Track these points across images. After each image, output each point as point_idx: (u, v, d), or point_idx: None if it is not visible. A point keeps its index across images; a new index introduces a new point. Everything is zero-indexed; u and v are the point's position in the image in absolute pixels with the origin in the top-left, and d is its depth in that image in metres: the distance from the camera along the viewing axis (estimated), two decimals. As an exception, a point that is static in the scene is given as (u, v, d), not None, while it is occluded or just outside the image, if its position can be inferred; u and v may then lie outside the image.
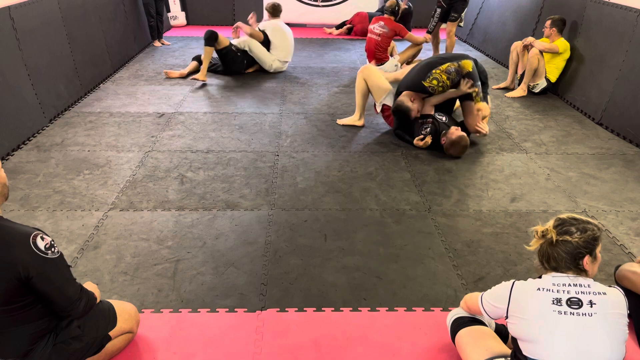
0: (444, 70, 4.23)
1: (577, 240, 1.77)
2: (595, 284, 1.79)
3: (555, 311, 1.74)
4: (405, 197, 3.59)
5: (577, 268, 1.80)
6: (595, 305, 1.73)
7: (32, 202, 3.40)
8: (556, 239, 1.79)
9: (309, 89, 5.98)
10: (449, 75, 4.22)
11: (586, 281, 1.79)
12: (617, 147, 4.47)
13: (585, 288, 1.76)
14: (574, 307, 1.73)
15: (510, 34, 7.01)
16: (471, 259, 2.94)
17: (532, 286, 1.82)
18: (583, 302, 1.73)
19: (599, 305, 1.73)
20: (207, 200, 3.48)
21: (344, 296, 2.61)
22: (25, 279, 1.76)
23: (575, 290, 1.76)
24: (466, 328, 2.12)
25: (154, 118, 4.92)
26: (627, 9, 4.91)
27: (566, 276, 1.80)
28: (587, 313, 1.72)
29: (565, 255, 1.79)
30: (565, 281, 1.79)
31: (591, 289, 1.76)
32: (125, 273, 2.74)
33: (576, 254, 1.78)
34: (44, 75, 4.76)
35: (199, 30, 8.96)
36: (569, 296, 1.75)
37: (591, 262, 1.80)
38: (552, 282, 1.80)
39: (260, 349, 2.28)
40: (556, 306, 1.74)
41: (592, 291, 1.76)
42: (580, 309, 1.72)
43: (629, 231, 3.24)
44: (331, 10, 9.33)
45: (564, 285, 1.78)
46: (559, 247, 1.79)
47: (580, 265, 1.79)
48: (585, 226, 1.79)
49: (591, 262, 1.80)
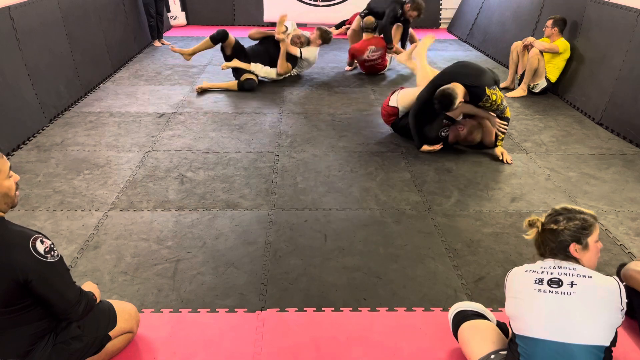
0: (503, 98, 4.07)
1: (562, 229, 1.86)
2: (581, 268, 1.85)
3: (536, 289, 1.83)
4: (405, 197, 3.59)
5: (566, 255, 1.88)
6: (575, 286, 1.79)
7: (32, 202, 3.40)
8: (541, 227, 1.90)
9: (309, 89, 5.98)
10: (499, 105, 4.05)
11: (572, 265, 1.86)
12: (617, 147, 4.47)
13: (569, 270, 1.84)
14: (553, 287, 1.81)
15: (510, 34, 7.00)
16: (471, 259, 2.94)
17: (522, 269, 1.93)
18: (564, 282, 1.81)
19: (580, 286, 1.79)
20: (207, 200, 3.48)
21: (344, 296, 2.61)
22: (24, 282, 1.76)
23: (558, 272, 1.84)
24: (469, 322, 2.14)
25: (154, 118, 4.92)
26: (627, 9, 4.91)
27: (552, 260, 1.89)
28: (566, 292, 1.79)
29: (552, 243, 1.88)
30: (551, 264, 1.88)
31: (575, 271, 1.83)
32: (125, 273, 2.74)
33: (562, 242, 1.87)
34: (44, 75, 4.76)
35: (199, 30, 8.97)
36: (550, 277, 1.84)
37: (581, 249, 1.87)
38: (540, 265, 1.90)
39: (260, 349, 2.28)
40: (537, 285, 1.84)
41: (576, 273, 1.83)
42: (559, 288, 1.80)
43: (629, 231, 3.24)
44: (331, 10, 9.33)
45: (549, 267, 1.87)
46: (546, 234, 1.90)
47: (569, 252, 1.87)
48: (574, 215, 1.88)
49: (581, 249, 1.87)
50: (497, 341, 2.03)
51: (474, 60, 7.38)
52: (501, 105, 4.07)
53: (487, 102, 4.02)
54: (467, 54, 7.76)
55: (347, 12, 9.18)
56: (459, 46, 8.29)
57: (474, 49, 8.11)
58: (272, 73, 6.01)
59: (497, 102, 4.02)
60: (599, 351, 1.75)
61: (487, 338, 2.04)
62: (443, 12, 9.73)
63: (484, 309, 2.22)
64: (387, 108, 4.63)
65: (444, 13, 9.74)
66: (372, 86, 6.10)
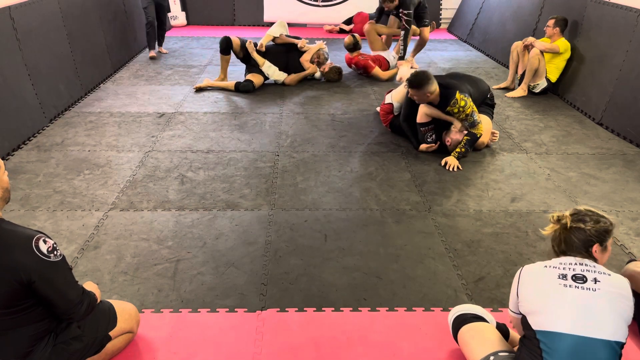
0: (474, 110, 3.99)
1: (590, 229, 1.90)
2: (600, 266, 1.89)
3: (561, 284, 1.83)
4: (406, 197, 3.59)
5: (587, 253, 1.91)
6: (599, 282, 1.82)
7: (32, 202, 3.40)
8: (570, 225, 1.91)
9: (309, 89, 5.98)
10: (468, 117, 3.98)
11: (592, 262, 1.89)
12: (617, 147, 4.47)
13: (590, 267, 1.87)
14: (578, 282, 1.83)
15: (511, 34, 7.00)
16: (471, 259, 2.93)
17: (539, 265, 1.94)
18: (587, 278, 1.83)
19: (602, 282, 1.82)
20: (207, 200, 3.48)
21: (344, 296, 2.61)
22: (27, 282, 1.75)
23: (580, 269, 1.87)
24: (469, 324, 2.15)
25: (154, 118, 4.92)
26: (627, 9, 4.91)
27: (573, 257, 1.91)
28: (591, 288, 1.81)
29: (577, 241, 1.91)
30: (572, 261, 1.90)
31: (596, 269, 1.87)
32: (126, 273, 2.74)
33: (587, 241, 1.90)
34: (44, 75, 4.76)
35: (199, 30, 8.98)
36: (574, 273, 1.86)
37: (601, 251, 1.92)
38: (559, 261, 1.91)
39: (260, 349, 2.28)
40: (562, 280, 1.84)
41: (597, 270, 1.86)
42: (584, 284, 1.82)
43: (629, 231, 3.24)
44: (331, 10, 9.33)
45: (570, 264, 1.89)
46: (572, 232, 1.92)
47: (590, 251, 1.91)
48: (599, 218, 1.92)
49: (601, 251, 1.92)
50: (496, 343, 2.04)
51: (473, 60, 7.41)
52: (470, 117, 3.98)
53: (455, 107, 3.97)
54: (467, 54, 7.76)
55: (348, 12, 9.19)
56: (459, 46, 8.29)
57: (474, 49, 8.10)
58: (281, 77, 6.01)
59: (465, 110, 3.95)
60: (618, 347, 1.78)
61: (486, 340, 2.05)
62: (443, 12, 9.73)
63: (483, 311, 2.22)
64: (384, 107, 4.70)
65: (444, 13, 9.74)
66: (372, 86, 6.10)
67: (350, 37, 6.40)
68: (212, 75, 6.26)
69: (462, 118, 4.03)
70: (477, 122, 4.01)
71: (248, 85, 5.72)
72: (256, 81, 5.80)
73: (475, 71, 6.67)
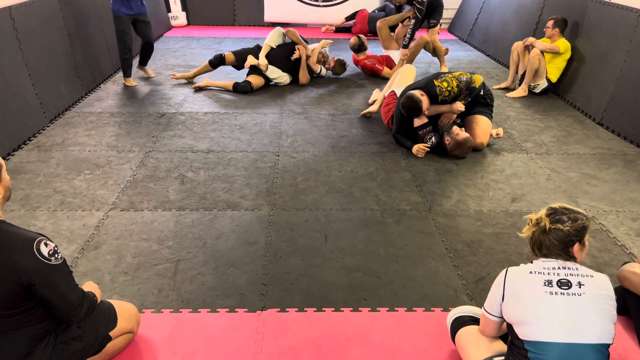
0: (456, 76, 4.16)
1: (569, 229, 1.86)
2: (582, 267, 1.88)
3: (547, 292, 1.82)
4: (406, 197, 3.59)
5: (567, 255, 1.89)
6: (583, 286, 1.81)
7: (32, 202, 3.40)
8: (549, 227, 1.87)
9: (309, 89, 5.98)
10: (459, 84, 4.14)
11: (574, 265, 1.88)
12: (617, 148, 4.46)
13: (573, 271, 1.86)
14: (564, 288, 1.81)
15: (511, 34, 7.00)
16: (472, 259, 2.93)
17: (525, 270, 1.90)
18: (572, 283, 1.82)
19: (587, 286, 1.81)
20: (207, 201, 3.48)
21: (344, 296, 2.61)
22: (27, 285, 1.75)
23: (564, 273, 1.85)
24: (466, 327, 2.15)
25: (154, 118, 4.92)
26: (628, 9, 4.90)
27: (555, 261, 1.88)
28: (577, 293, 1.80)
29: (557, 242, 1.87)
30: (555, 265, 1.87)
31: (579, 271, 1.86)
32: (126, 273, 2.74)
33: (567, 242, 1.87)
34: (44, 75, 4.76)
35: (200, 31, 8.97)
36: (558, 278, 1.84)
37: (580, 249, 1.89)
38: (542, 266, 1.89)
39: (260, 349, 2.28)
40: (547, 287, 1.82)
41: (580, 273, 1.85)
42: (569, 289, 1.81)
43: (630, 231, 3.24)
44: (332, 10, 9.33)
45: (554, 268, 1.87)
46: (551, 234, 1.88)
47: (570, 252, 1.88)
48: (576, 215, 1.88)
49: (580, 249, 1.89)
50: (491, 347, 2.04)
51: (474, 60, 7.41)
52: (462, 83, 4.12)
53: (445, 92, 4.12)
54: (467, 54, 7.75)
55: (348, 13, 9.18)
56: (459, 46, 8.28)
57: (475, 49, 8.10)
58: (285, 79, 6.02)
59: (452, 84, 4.10)
60: (605, 349, 1.79)
61: (482, 344, 2.05)
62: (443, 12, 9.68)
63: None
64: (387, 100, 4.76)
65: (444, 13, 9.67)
66: (372, 86, 6.10)
67: (355, 38, 6.41)
68: (211, 75, 6.26)
69: (457, 92, 4.15)
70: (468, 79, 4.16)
71: (246, 87, 5.73)
72: (255, 83, 5.80)
73: (475, 71, 6.65)
